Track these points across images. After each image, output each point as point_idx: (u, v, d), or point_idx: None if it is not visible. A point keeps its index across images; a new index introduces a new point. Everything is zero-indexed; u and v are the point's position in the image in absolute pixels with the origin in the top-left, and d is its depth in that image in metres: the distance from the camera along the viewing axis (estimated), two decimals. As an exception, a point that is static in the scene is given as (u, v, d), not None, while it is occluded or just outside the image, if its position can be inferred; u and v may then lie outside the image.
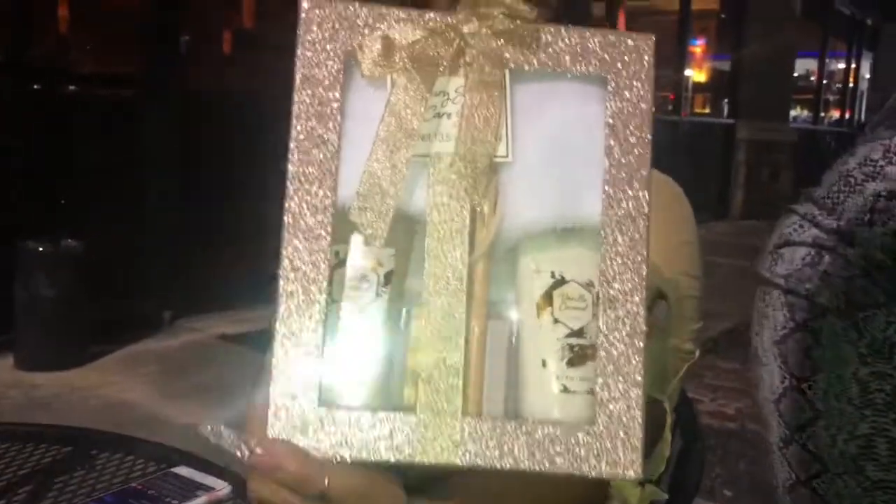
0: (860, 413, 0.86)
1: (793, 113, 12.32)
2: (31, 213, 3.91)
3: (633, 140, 0.58)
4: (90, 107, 4.34)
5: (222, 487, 0.87)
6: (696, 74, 11.00)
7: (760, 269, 1.04)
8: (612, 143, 0.58)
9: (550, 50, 0.59)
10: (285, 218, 0.55)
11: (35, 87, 4.05)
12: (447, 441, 0.55)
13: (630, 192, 0.58)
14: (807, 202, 1.03)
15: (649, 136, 0.59)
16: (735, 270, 6.31)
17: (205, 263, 4.54)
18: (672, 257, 0.91)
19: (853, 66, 14.12)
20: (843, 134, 13.60)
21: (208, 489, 0.87)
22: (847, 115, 14.14)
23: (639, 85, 0.59)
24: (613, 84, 0.59)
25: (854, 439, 0.88)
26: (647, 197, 0.58)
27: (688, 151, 9.19)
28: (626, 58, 0.59)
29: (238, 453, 0.55)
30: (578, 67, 0.59)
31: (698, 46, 11.05)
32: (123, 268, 4.26)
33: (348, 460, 0.54)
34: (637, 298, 0.57)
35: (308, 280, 0.55)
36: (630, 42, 0.59)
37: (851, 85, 14.18)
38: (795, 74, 12.12)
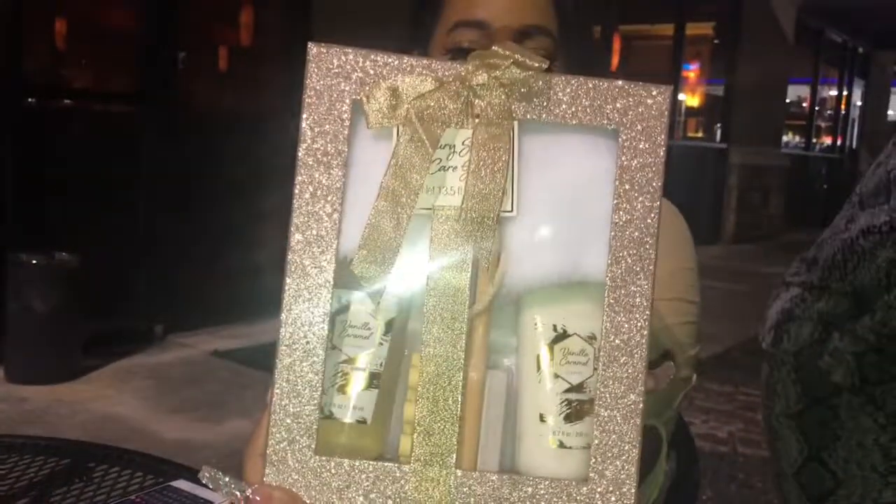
0: (884, 480, 0.86)
1: (785, 138, 12.41)
2: (23, 226, 3.90)
3: (642, 194, 0.57)
4: (85, 122, 4.35)
5: (221, 502, 0.87)
6: (689, 99, 11.06)
7: (765, 344, 1.04)
8: (620, 197, 0.56)
9: (562, 103, 0.57)
10: (287, 266, 0.55)
11: (30, 101, 4.05)
12: (437, 494, 0.54)
13: (636, 247, 0.57)
14: (806, 272, 1.02)
15: (660, 190, 0.57)
16: (727, 294, 6.34)
17: (197, 279, 4.54)
18: (670, 282, 0.92)
19: (845, 92, 14.25)
20: (835, 160, 13.70)
21: (207, 503, 0.87)
22: (839, 141, 14.24)
23: (653, 138, 0.57)
24: (626, 137, 0.57)
25: None
26: (652, 253, 0.57)
27: (680, 175, 9.23)
28: (641, 110, 0.57)
29: (234, 500, 0.55)
30: (591, 121, 0.57)
31: (692, 71, 11.13)
32: (116, 282, 4.26)
33: None
34: (638, 355, 0.56)
35: (308, 328, 0.55)
36: (645, 94, 0.57)
37: (843, 111, 14.30)
38: (788, 100, 12.22)
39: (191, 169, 4.49)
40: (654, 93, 0.57)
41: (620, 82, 0.57)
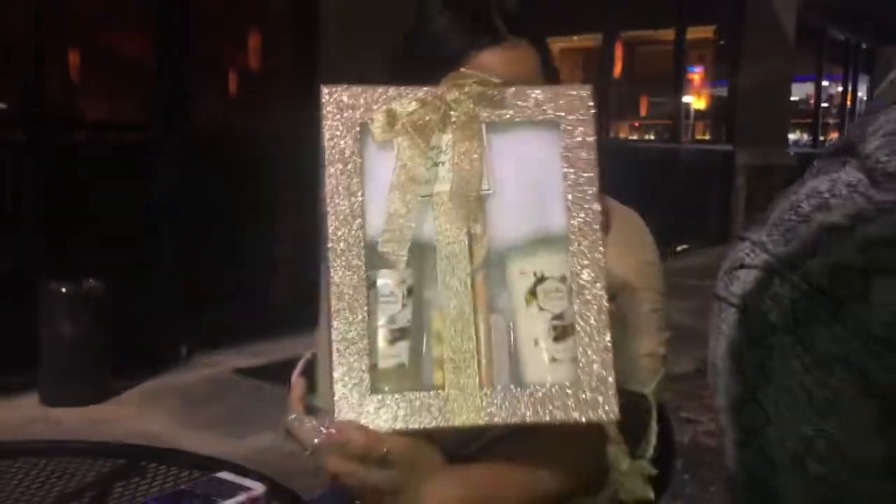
0: (808, 420, 1.00)
1: (792, 137, 12.48)
2: (51, 256, 4.06)
3: (583, 167, 0.76)
4: (102, 153, 4.52)
5: (259, 488, 1.01)
6: (695, 101, 11.18)
7: (717, 289, 1.18)
8: (567, 170, 0.76)
9: (514, 106, 0.76)
10: (329, 254, 0.71)
11: (48, 135, 4.21)
12: (471, 408, 0.72)
13: (585, 206, 0.75)
14: (759, 229, 1.17)
15: (595, 163, 0.76)
16: (736, 293, 6.41)
17: (218, 301, 4.69)
18: (639, 275, 1.08)
19: (850, 88, 14.32)
20: (843, 156, 13.70)
21: (247, 489, 1.01)
22: (846, 138, 14.26)
23: (584, 124, 0.76)
24: (564, 125, 0.76)
25: (799, 441, 1.02)
26: (598, 208, 0.75)
27: (687, 177, 9.33)
28: (571, 105, 0.76)
29: (317, 435, 0.71)
30: (537, 117, 0.76)
31: (696, 74, 11.24)
32: (141, 307, 4.40)
33: (398, 429, 0.71)
34: (599, 286, 0.74)
35: (352, 299, 0.71)
36: (573, 93, 0.77)
37: (849, 107, 14.36)
38: (794, 98, 12.30)
39: (208, 193, 4.64)
40: (580, 91, 0.77)
41: (554, 87, 0.77)
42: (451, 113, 0.76)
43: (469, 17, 1.03)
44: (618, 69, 9.12)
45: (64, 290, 3.78)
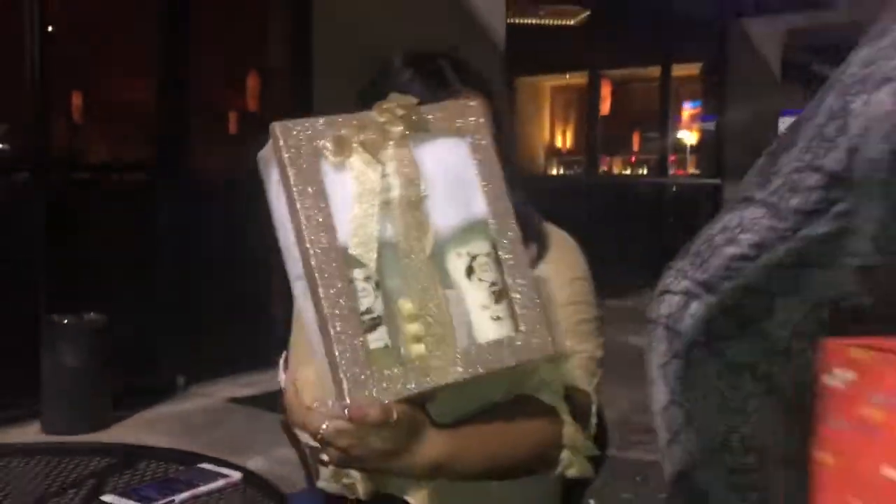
0: (719, 417, 1.17)
1: (782, 170, 12.63)
2: (55, 290, 4.22)
3: (488, 165, 0.94)
4: (106, 192, 4.71)
5: (235, 475, 1.18)
6: (684, 136, 11.40)
7: (648, 312, 1.37)
8: (479, 170, 0.93)
9: (430, 122, 0.93)
10: (313, 261, 0.85)
11: (53, 175, 4.39)
12: (453, 367, 0.88)
13: (498, 194, 0.93)
14: (683, 259, 1.35)
15: (497, 159, 0.94)
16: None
17: (214, 334, 4.83)
18: (571, 290, 1.27)
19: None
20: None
21: (225, 476, 1.17)
22: (835, 170, 14.46)
23: (480, 131, 0.95)
24: (467, 134, 0.94)
25: (715, 437, 1.19)
26: (506, 196, 0.94)
27: (676, 211, 9.54)
28: (470, 118, 0.94)
29: (336, 415, 0.86)
30: (451, 129, 0.93)
31: (685, 110, 11.49)
32: (140, 339, 4.56)
33: (401, 398, 0.86)
34: (519, 252, 0.93)
35: (341, 297, 0.85)
36: (468, 107, 0.95)
37: (838, 141, 14.55)
38: (781, 132, 12.50)
39: (205, 230, 4.82)
40: (473, 104, 0.96)
41: (452, 103, 0.96)
42: (388, 130, 0.91)
43: (427, 73, 1.20)
44: (606, 106, 9.36)
45: (66, 322, 3.94)
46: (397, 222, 0.90)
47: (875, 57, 0.98)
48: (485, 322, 0.92)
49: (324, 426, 0.88)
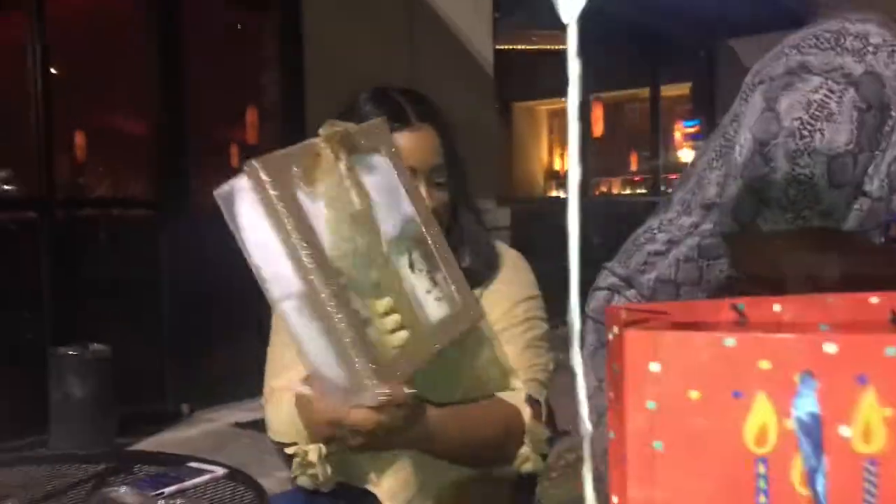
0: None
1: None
2: (61, 322, 4.37)
3: (401, 170, 1.13)
4: (109, 227, 4.86)
5: (220, 471, 1.31)
6: (678, 155, 11.55)
7: (585, 308, 1.52)
8: (399, 176, 1.13)
9: (362, 147, 1.09)
10: (311, 276, 0.98)
11: (57, 211, 4.55)
12: (426, 345, 1.08)
13: (416, 195, 1.14)
14: (613, 259, 1.50)
15: (408, 175, 1.14)
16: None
17: (217, 361, 4.97)
18: (525, 307, 1.40)
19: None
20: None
21: (211, 472, 1.31)
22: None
23: (389, 147, 1.13)
24: (383, 150, 1.12)
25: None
26: (422, 198, 1.16)
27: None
28: (380, 136, 1.13)
29: (377, 397, 1.01)
30: (371, 147, 1.10)
31: (677, 129, 11.65)
32: (145, 369, 4.69)
33: (409, 379, 1.06)
34: (440, 242, 1.14)
35: (343, 305, 0.99)
36: (376, 125, 1.14)
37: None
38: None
39: (207, 262, 4.94)
40: (378, 123, 1.16)
41: (366, 124, 1.14)
42: (331, 154, 1.05)
43: (387, 107, 1.35)
44: (598, 128, 9.53)
45: (72, 353, 4.07)
46: (360, 233, 1.05)
47: (762, 66, 1.15)
48: (432, 303, 1.12)
49: (352, 414, 1.04)
